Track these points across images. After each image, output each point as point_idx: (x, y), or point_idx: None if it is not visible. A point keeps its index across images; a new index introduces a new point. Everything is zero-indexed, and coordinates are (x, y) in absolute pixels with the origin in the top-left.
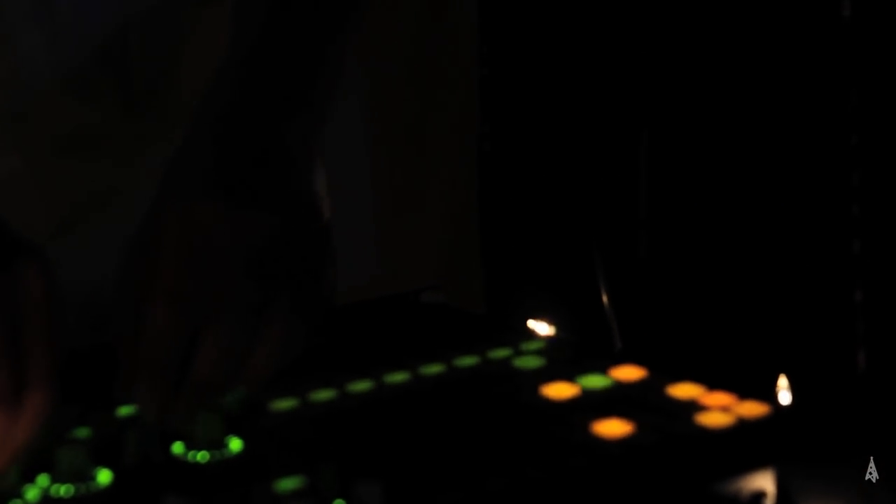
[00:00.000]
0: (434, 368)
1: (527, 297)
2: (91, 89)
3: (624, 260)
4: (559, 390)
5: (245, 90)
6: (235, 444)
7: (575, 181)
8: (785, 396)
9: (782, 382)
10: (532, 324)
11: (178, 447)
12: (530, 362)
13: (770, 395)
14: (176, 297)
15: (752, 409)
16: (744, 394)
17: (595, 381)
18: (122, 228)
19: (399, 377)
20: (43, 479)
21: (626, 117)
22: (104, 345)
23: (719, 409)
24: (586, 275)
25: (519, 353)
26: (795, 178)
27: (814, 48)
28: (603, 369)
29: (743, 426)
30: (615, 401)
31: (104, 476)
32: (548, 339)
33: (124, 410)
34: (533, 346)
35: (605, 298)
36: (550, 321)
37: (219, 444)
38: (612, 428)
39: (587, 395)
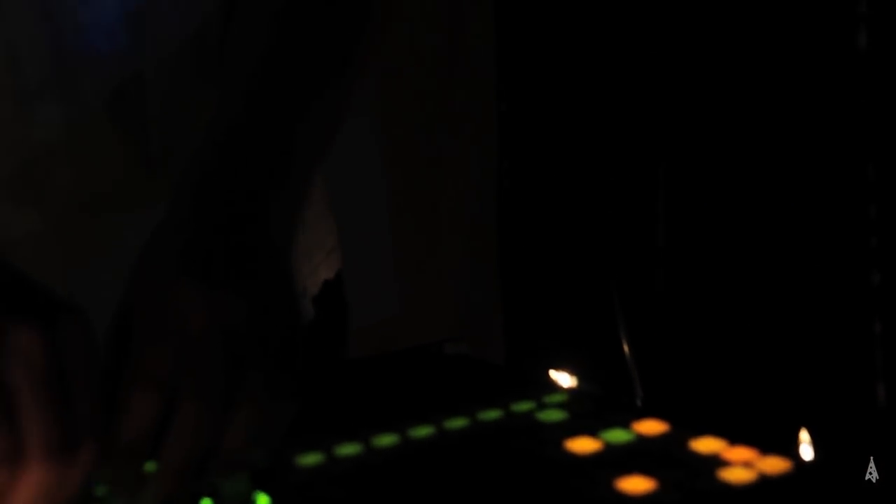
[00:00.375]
0: (458, 422)
1: (547, 343)
2: (108, 148)
3: (643, 304)
4: (582, 445)
5: (224, 167)
6: (263, 501)
7: (593, 219)
8: (807, 451)
9: (804, 437)
10: (554, 374)
11: (206, 503)
12: (553, 416)
13: (792, 448)
14: (151, 381)
15: (775, 464)
16: (766, 447)
17: (618, 436)
18: None
19: (424, 431)
20: None
21: (644, 153)
22: None
23: (741, 464)
24: (606, 318)
25: (542, 406)
26: (813, 212)
27: (830, 80)
28: (626, 423)
29: (765, 482)
30: (638, 455)
31: None
32: (570, 391)
33: (150, 466)
34: (556, 398)
35: (625, 347)
36: (571, 370)
37: (246, 501)
38: (635, 484)
39: (610, 450)
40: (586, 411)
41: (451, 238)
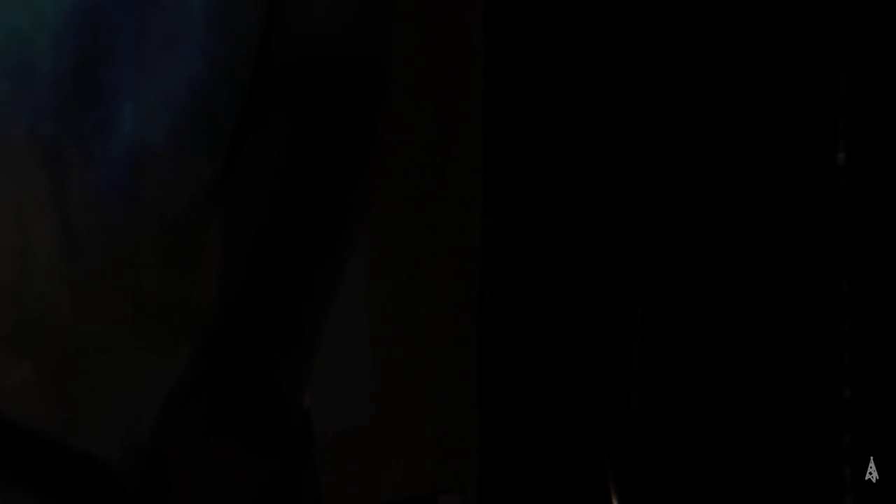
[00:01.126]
0: None
1: (526, 485)
2: (103, 303)
3: (628, 452)
4: None
5: (236, 334)
6: None
7: (574, 363)
8: None
9: None
10: None
11: None
12: None
13: None
14: None
15: None
16: None
17: None
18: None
19: None
20: None
21: (623, 271)
22: None
23: None
24: (591, 466)
25: None
26: (790, 334)
27: (809, 196)
28: None
29: None
30: None
31: None
32: None
33: None
34: None
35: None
36: None
37: None
38: None
39: None
40: None
41: (430, 374)
